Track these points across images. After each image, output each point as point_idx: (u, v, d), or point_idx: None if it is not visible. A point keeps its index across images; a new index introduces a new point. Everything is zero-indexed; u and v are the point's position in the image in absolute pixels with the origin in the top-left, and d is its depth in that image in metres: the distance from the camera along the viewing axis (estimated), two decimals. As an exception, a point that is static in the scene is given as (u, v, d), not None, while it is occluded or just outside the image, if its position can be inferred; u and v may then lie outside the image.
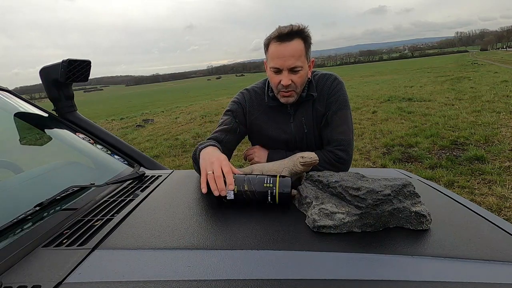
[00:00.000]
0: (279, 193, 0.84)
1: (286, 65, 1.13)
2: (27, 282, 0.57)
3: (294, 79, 1.16)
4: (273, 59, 1.15)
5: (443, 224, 0.74)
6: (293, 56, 1.12)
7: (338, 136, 1.20)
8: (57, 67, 1.32)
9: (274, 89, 1.22)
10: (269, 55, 1.18)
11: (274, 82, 1.20)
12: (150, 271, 0.59)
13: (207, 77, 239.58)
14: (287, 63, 1.13)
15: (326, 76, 1.29)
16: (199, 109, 12.79)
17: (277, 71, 1.16)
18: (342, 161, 1.18)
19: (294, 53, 1.13)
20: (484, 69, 18.18)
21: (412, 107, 7.39)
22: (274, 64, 1.15)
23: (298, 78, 1.16)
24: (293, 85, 1.17)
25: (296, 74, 1.15)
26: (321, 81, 1.27)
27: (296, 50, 1.13)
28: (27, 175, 1.24)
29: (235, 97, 1.36)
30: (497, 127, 4.90)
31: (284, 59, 1.13)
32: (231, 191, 0.87)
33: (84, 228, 0.77)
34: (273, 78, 1.19)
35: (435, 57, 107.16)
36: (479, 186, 3.00)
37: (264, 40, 1.21)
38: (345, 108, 1.25)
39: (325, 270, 0.58)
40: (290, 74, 1.15)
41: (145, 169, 1.36)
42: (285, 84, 1.15)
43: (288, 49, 1.12)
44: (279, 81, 1.17)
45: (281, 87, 1.17)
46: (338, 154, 1.18)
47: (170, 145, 6.23)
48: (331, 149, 1.20)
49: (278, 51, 1.14)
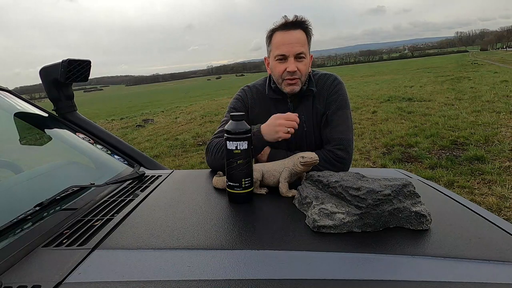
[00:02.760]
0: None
1: (292, 51, 1.16)
2: (27, 282, 0.57)
3: (299, 66, 1.18)
4: (279, 47, 1.18)
5: (443, 224, 0.74)
6: (298, 42, 1.16)
7: (337, 135, 1.21)
8: (57, 67, 1.32)
9: (278, 78, 1.22)
10: (273, 44, 1.20)
11: (279, 70, 1.20)
12: (150, 271, 0.59)
13: (207, 77, 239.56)
14: (294, 49, 1.16)
15: (326, 76, 1.30)
16: (199, 109, 12.79)
17: (282, 58, 1.18)
18: (342, 161, 1.18)
19: (299, 40, 1.17)
20: (484, 69, 18.18)
21: (412, 107, 7.39)
22: (280, 51, 1.18)
23: (303, 66, 1.19)
24: (298, 73, 1.18)
25: (301, 62, 1.18)
26: (321, 80, 1.28)
27: (301, 38, 1.17)
28: (27, 175, 1.24)
29: (237, 94, 1.37)
30: (497, 127, 4.90)
31: (291, 45, 1.16)
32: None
33: (84, 228, 0.77)
34: (277, 67, 1.20)
35: (435, 57, 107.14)
36: (479, 186, 3.00)
37: (267, 33, 1.23)
38: (344, 108, 1.25)
39: (325, 270, 0.58)
40: (295, 61, 1.17)
41: (145, 169, 1.36)
42: (292, 69, 1.16)
43: (294, 36, 1.16)
44: (284, 68, 1.18)
45: (286, 74, 1.19)
46: (337, 153, 1.18)
47: (170, 145, 6.23)
48: (330, 148, 1.20)
49: (284, 38, 1.17)
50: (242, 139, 0.89)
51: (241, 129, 0.89)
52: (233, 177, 0.90)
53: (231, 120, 0.92)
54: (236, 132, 0.89)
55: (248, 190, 0.92)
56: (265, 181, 1.00)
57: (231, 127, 0.90)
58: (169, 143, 6.38)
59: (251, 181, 0.92)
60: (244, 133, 0.89)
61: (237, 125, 0.90)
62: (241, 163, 0.89)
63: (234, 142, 0.89)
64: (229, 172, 0.91)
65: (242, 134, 0.89)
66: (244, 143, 0.89)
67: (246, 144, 0.89)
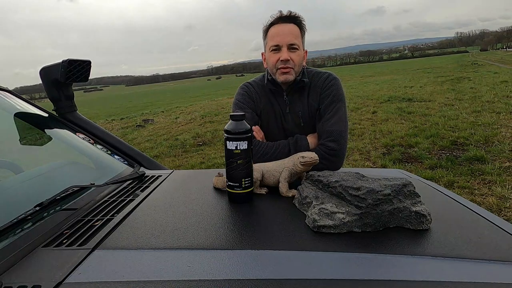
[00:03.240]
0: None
1: (285, 41, 1.22)
2: (27, 282, 0.57)
3: (292, 56, 1.23)
4: (273, 38, 1.24)
5: (443, 224, 0.74)
6: (291, 33, 1.23)
7: (329, 128, 1.22)
8: (57, 67, 1.32)
9: (273, 68, 1.27)
10: (269, 37, 1.26)
11: (273, 60, 1.25)
12: (150, 271, 0.59)
13: (207, 77, 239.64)
14: (286, 39, 1.22)
15: (321, 73, 1.34)
16: (199, 109, 12.79)
17: (276, 48, 1.24)
18: (334, 153, 1.17)
19: (292, 32, 1.23)
20: (484, 69, 18.17)
21: (412, 107, 7.39)
22: (274, 42, 1.24)
23: (296, 56, 1.24)
24: (291, 62, 1.23)
25: (295, 52, 1.23)
26: (316, 76, 1.33)
27: (294, 30, 1.23)
28: (27, 175, 1.24)
29: (241, 90, 1.39)
30: (497, 128, 4.90)
31: (283, 35, 1.22)
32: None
33: (84, 228, 0.77)
34: (272, 57, 1.26)
35: (435, 57, 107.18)
36: (479, 186, 3.00)
37: (263, 28, 1.29)
38: (338, 102, 1.26)
39: (325, 270, 0.58)
40: (289, 51, 1.22)
41: (145, 169, 1.36)
42: (285, 58, 1.21)
43: (288, 28, 1.23)
44: (278, 58, 1.23)
45: (280, 63, 1.23)
46: (328, 145, 1.18)
47: (170, 145, 6.23)
48: (322, 142, 1.22)
49: (278, 30, 1.24)
50: (242, 139, 0.89)
51: (241, 129, 0.89)
52: (233, 177, 0.90)
53: (231, 120, 0.92)
54: (236, 132, 0.89)
55: (248, 190, 0.92)
56: (265, 181, 1.00)
57: (231, 127, 0.90)
58: (169, 143, 6.38)
59: (251, 181, 0.92)
60: (244, 133, 0.89)
61: (237, 125, 0.90)
62: (241, 163, 0.89)
63: (234, 142, 0.89)
64: (229, 172, 0.91)
65: (242, 134, 0.89)
66: (244, 143, 0.89)
67: (246, 144, 0.89)
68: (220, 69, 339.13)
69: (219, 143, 5.95)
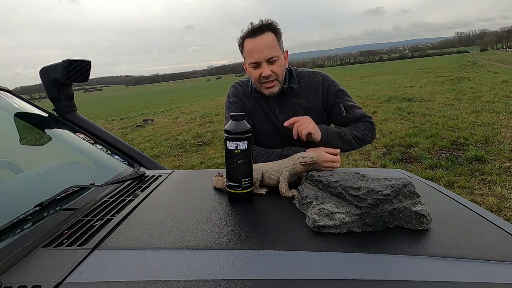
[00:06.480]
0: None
1: (263, 56, 1.20)
2: (27, 282, 0.57)
3: (273, 69, 1.22)
4: (250, 55, 1.22)
5: (443, 224, 0.74)
6: (267, 47, 1.20)
7: (359, 110, 1.33)
8: (57, 67, 1.32)
9: (257, 83, 1.28)
10: (246, 53, 1.25)
11: (255, 76, 1.25)
12: (150, 271, 0.59)
13: (207, 77, 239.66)
14: (264, 54, 1.20)
15: (314, 73, 1.37)
16: (199, 109, 12.79)
17: (256, 65, 1.23)
18: (374, 127, 1.34)
19: (268, 44, 1.20)
20: (484, 69, 18.18)
21: (412, 107, 7.39)
22: (252, 59, 1.22)
23: (277, 67, 1.23)
24: (273, 75, 1.23)
25: (274, 64, 1.22)
26: (309, 76, 1.35)
27: (269, 41, 1.21)
28: (27, 175, 1.24)
29: (230, 91, 1.42)
30: (497, 128, 4.90)
31: (260, 51, 1.20)
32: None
33: (84, 228, 0.77)
34: (253, 73, 1.25)
35: (435, 57, 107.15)
36: (479, 186, 3.00)
37: (237, 41, 1.28)
38: (345, 91, 1.36)
39: (325, 270, 0.58)
40: (268, 65, 1.22)
41: (145, 169, 1.36)
42: (266, 74, 1.21)
43: (262, 41, 1.20)
44: (259, 74, 1.23)
45: (262, 79, 1.23)
46: (370, 120, 1.34)
47: (170, 145, 6.23)
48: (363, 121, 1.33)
49: (253, 45, 1.21)
50: (242, 139, 0.89)
51: (241, 129, 0.89)
52: (233, 177, 0.90)
53: (231, 120, 0.92)
54: (236, 132, 0.89)
55: (248, 190, 0.92)
56: (265, 181, 1.00)
57: (231, 127, 0.90)
58: (169, 143, 6.38)
59: (251, 181, 0.92)
60: (244, 133, 0.89)
61: (237, 125, 0.90)
62: (241, 163, 0.89)
63: (234, 142, 0.89)
64: (229, 172, 0.91)
65: (242, 134, 0.89)
66: (244, 143, 0.89)
67: (246, 144, 0.89)
68: (220, 69, 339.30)
69: (219, 143, 5.95)
